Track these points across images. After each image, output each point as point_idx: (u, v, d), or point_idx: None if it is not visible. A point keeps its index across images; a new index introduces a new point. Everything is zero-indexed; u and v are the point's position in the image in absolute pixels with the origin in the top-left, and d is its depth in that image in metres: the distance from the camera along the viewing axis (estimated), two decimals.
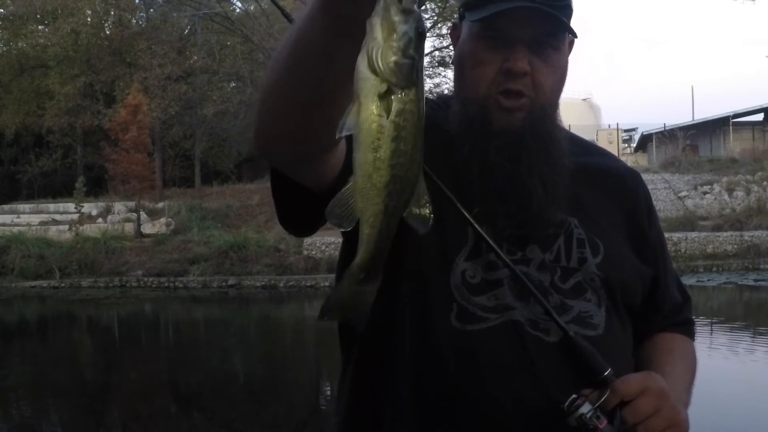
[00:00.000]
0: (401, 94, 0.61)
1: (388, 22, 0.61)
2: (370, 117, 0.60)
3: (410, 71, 0.61)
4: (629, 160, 31.95)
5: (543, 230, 1.11)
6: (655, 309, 1.27)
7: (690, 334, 1.33)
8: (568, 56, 1.14)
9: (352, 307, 0.74)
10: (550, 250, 1.12)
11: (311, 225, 1.08)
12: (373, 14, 0.63)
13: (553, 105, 1.12)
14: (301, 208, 1.04)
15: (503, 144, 1.07)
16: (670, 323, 1.30)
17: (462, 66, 1.12)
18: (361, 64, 0.61)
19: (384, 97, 0.61)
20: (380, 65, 0.61)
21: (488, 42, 1.07)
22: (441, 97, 1.25)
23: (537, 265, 1.10)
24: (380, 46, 0.61)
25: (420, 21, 0.63)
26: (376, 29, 0.61)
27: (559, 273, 1.11)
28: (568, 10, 1.09)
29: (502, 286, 1.07)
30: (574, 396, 1.00)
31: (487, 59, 1.07)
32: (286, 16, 1.05)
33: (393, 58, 0.60)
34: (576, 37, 1.14)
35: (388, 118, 0.60)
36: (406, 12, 0.61)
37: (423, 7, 26.25)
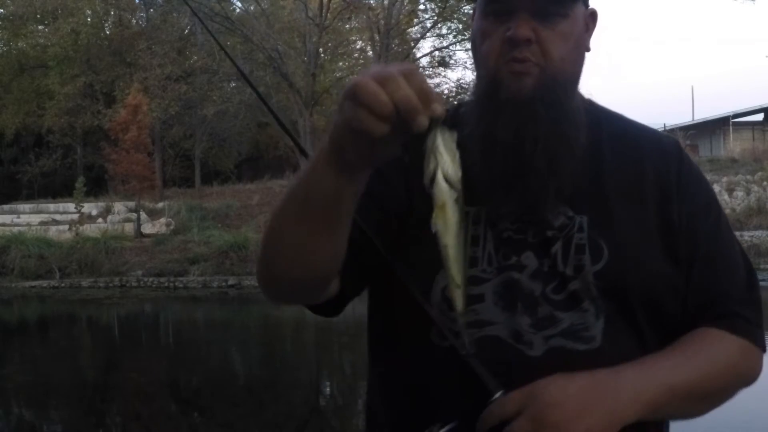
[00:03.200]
0: (461, 198, 0.82)
1: (451, 150, 0.81)
2: (454, 215, 0.82)
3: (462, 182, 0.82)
4: None
5: (542, 233, 1.05)
6: (691, 304, 1.10)
7: (734, 328, 1.08)
8: (584, 27, 1.10)
9: None
10: (547, 255, 1.05)
11: (338, 310, 1.14)
12: (432, 140, 0.81)
13: (568, 75, 1.06)
14: (323, 311, 1.13)
15: (510, 118, 1.02)
16: (708, 317, 1.09)
17: (474, 45, 1.11)
18: (440, 178, 0.80)
19: (458, 201, 0.82)
20: (453, 180, 0.81)
21: (493, 16, 1.06)
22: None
23: (531, 272, 1.05)
24: (449, 164, 0.81)
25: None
26: (442, 152, 0.81)
27: (555, 282, 1.04)
28: None
29: (482, 301, 1.04)
30: (439, 424, 0.99)
31: (492, 32, 1.05)
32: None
33: (460, 173, 0.81)
34: (587, 5, 1.10)
35: (460, 215, 0.83)
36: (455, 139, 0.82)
37: (423, 7, 26.30)
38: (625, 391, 0.97)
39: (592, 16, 1.12)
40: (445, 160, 0.80)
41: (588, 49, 1.11)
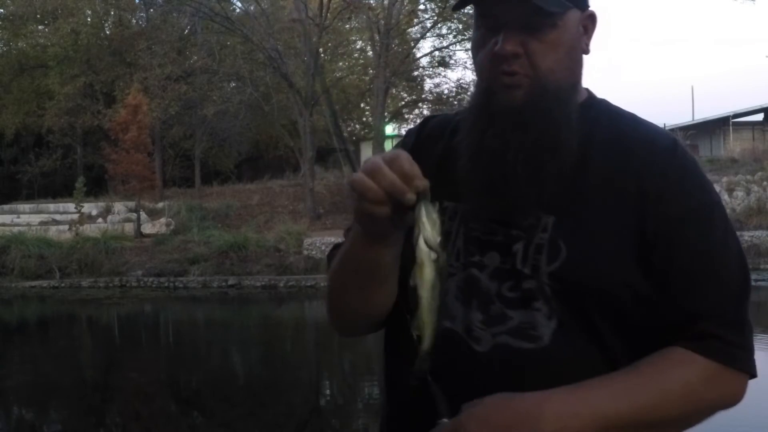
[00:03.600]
0: (441, 258, 0.95)
1: (432, 219, 0.95)
2: (430, 273, 0.95)
3: (444, 245, 0.96)
4: None
5: (510, 233, 1.08)
6: (658, 318, 1.05)
7: (707, 350, 1.02)
8: (580, 31, 1.11)
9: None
10: (510, 254, 1.07)
11: (365, 333, 1.27)
12: (418, 210, 0.95)
13: (561, 83, 1.07)
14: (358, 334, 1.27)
15: (499, 128, 1.06)
16: (682, 336, 1.04)
17: (473, 54, 1.14)
18: (421, 242, 0.95)
19: (436, 261, 0.95)
20: (432, 243, 0.94)
21: (485, 28, 1.09)
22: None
23: (491, 271, 1.08)
24: (429, 232, 0.95)
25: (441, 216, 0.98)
26: (424, 222, 0.95)
27: (512, 281, 1.06)
28: None
29: (447, 295, 1.08)
30: None
31: (485, 43, 1.08)
32: None
33: (439, 239, 0.95)
34: (583, 9, 1.11)
35: (436, 272, 0.96)
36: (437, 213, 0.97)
37: (423, 7, 26.28)
38: (549, 423, 0.95)
39: (591, 18, 1.12)
40: (427, 229, 0.95)
41: (586, 52, 1.13)
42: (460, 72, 36.82)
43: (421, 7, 26.16)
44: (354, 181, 0.97)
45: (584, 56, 1.13)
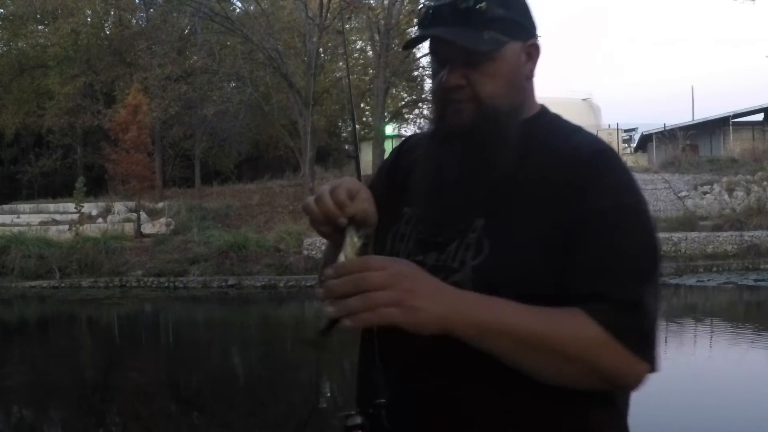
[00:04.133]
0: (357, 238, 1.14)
1: (353, 242, 1.13)
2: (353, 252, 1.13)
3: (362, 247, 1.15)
4: (629, 160, 31.96)
5: (448, 234, 1.23)
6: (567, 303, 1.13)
7: (600, 317, 1.09)
8: (521, 59, 1.26)
9: None
10: (445, 253, 1.22)
11: None
12: (346, 234, 1.14)
13: (502, 107, 1.23)
14: None
15: (448, 146, 1.25)
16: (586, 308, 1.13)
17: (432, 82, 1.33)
18: (341, 259, 1.11)
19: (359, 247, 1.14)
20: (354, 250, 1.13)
21: (436, 62, 1.28)
22: None
23: (429, 268, 1.17)
24: (349, 252, 1.12)
25: None
26: (347, 245, 1.13)
27: (443, 274, 1.17)
28: (492, 24, 1.22)
29: None
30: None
31: (437, 73, 1.27)
32: None
33: (359, 243, 1.14)
34: (525, 39, 1.26)
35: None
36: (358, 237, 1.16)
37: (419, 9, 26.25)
38: (446, 293, 1.09)
39: (534, 47, 1.28)
40: (347, 249, 1.13)
41: (530, 77, 1.30)
42: None
43: (421, 7, 26.16)
44: (304, 206, 1.21)
45: (532, 79, 1.30)
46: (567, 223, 1.15)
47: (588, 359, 1.10)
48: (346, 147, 36.19)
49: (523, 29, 1.27)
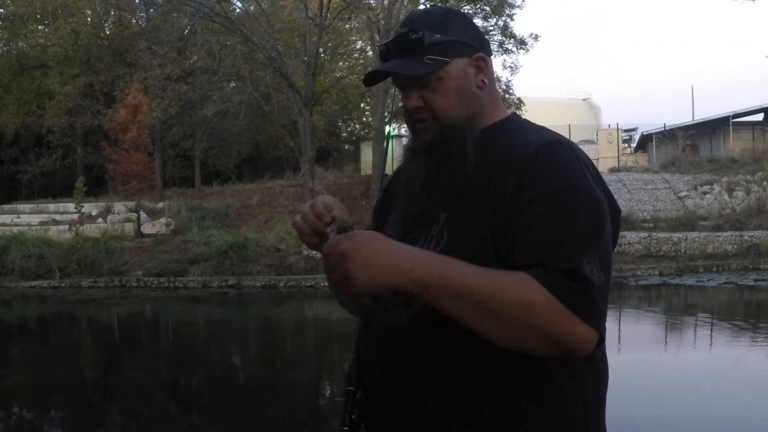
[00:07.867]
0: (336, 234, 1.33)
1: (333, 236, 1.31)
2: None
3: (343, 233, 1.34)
4: (629, 160, 31.95)
5: (419, 230, 1.41)
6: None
7: (544, 280, 1.20)
8: (470, 73, 1.42)
9: None
10: (416, 245, 1.35)
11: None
12: (329, 231, 1.34)
13: (459, 118, 1.39)
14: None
15: (418, 159, 1.43)
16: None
17: None
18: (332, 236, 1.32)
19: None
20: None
21: (397, 88, 1.46)
22: None
23: None
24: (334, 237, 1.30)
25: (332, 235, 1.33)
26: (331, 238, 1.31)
27: None
28: (431, 49, 1.38)
29: None
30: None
31: (402, 98, 1.46)
32: None
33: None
34: (471, 54, 1.41)
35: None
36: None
37: (423, 8, 26.27)
38: (398, 254, 1.23)
39: (481, 59, 1.44)
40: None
41: (482, 87, 1.43)
42: None
43: (421, 7, 26.17)
44: (293, 223, 1.44)
45: (487, 87, 1.44)
46: (508, 210, 1.29)
47: (531, 317, 1.19)
48: (346, 147, 36.19)
49: (465, 46, 1.42)
